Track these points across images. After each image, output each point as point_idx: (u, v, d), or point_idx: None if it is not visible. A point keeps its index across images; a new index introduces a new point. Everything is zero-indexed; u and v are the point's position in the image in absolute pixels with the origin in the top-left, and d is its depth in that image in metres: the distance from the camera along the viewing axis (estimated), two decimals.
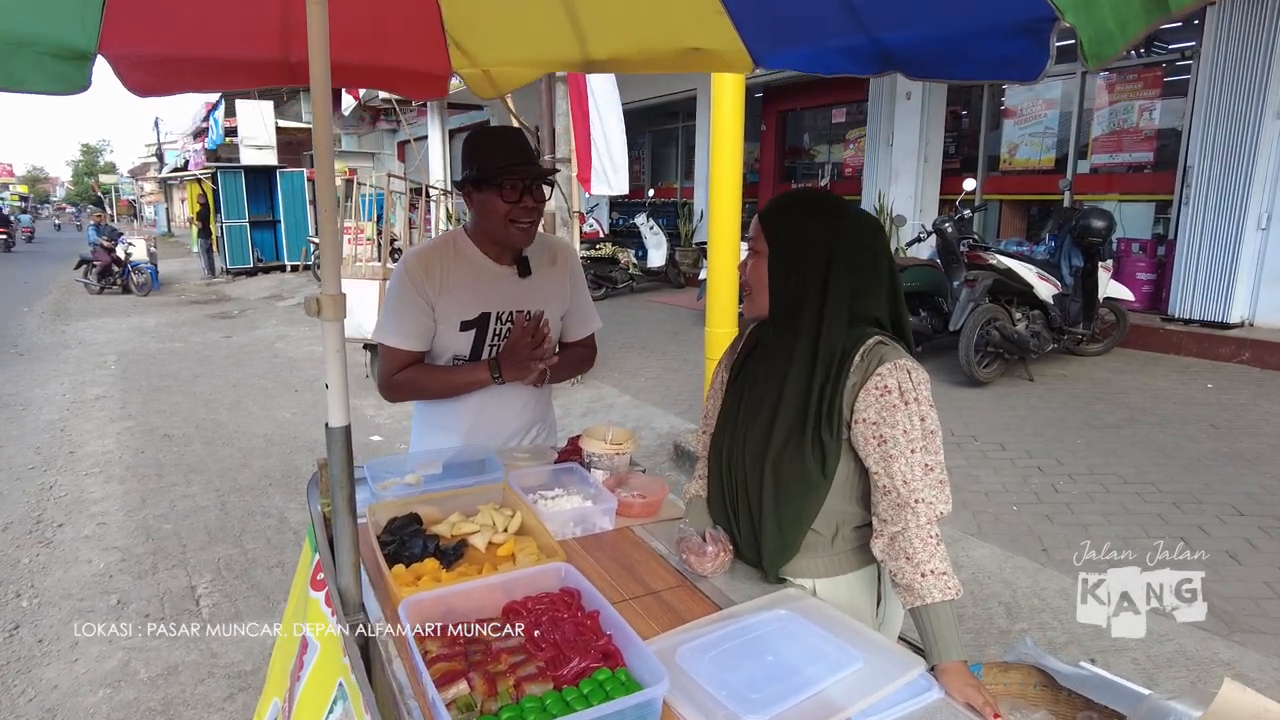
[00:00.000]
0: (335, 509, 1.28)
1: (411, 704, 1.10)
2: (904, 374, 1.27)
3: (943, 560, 1.23)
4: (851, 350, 1.31)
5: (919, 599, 1.22)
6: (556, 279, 1.99)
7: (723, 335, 4.36)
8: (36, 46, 1.48)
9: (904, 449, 1.24)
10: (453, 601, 1.27)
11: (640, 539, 1.64)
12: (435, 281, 1.83)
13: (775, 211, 1.40)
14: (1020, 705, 1.35)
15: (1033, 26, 1.15)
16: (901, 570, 1.25)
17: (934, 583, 1.21)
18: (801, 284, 1.34)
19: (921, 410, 1.26)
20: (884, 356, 1.28)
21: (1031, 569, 3.18)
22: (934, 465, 1.25)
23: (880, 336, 1.32)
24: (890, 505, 1.27)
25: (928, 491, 1.24)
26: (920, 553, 1.23)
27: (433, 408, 1.99)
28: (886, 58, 1.48)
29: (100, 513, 4.12)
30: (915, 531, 1.23)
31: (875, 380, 1.27)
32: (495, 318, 1.88)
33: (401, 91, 2.33)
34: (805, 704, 1.10)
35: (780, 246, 1.37)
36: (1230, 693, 0.94)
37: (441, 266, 1.84)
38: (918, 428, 1.25)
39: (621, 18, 1.89)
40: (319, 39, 1.17)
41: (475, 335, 1.88)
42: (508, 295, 1.89)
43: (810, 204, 1.39)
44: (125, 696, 2.56)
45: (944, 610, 1.21)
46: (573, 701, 1.06)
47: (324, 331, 1.22)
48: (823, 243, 1.32)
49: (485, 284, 1.87)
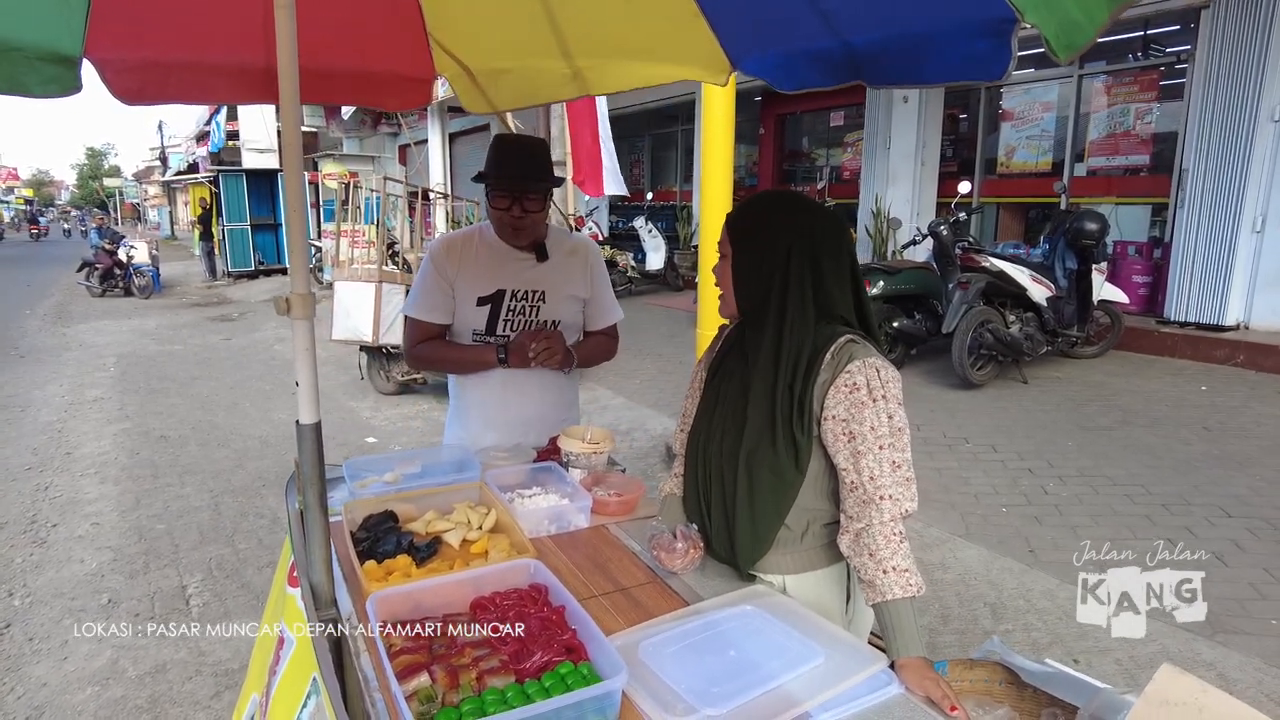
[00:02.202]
0: (306, 505, 1.29)
1: (376, 696, 1.12)
2: (873, 371, 1.28)
3: (905, 557, 1.24)
4: (823, 348, 1.32)
5: (880, 595, 1.24)
6: (574, 267, 2.13)
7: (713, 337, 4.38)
8: (25, 51, 1.51)
9: (872, 445, 1.26)
10: (421, 597, 1.29)
11: (614, 537, 1.65)
12: (455, 263, 2.04)
13: (738, 213, 1.44)
14: (985, 702, 1.36)
15: (995, 27, 1.17)
16: (865, 566, 1.26)
17: (895, 579, 1.23)
18: (764, 279, 1.37)
19: (890, 408, 1.27)
20: (854, 354, 1.30)
21: (1018, 570, 3.19)
22: (901, 462, 1.27)
23: (851, 335, 1.34)
24: (857, 501, 1.28)
25: (894, 488, 1.25)
26: (883, 549, 1.24)
27: (462, 396, 2.15)
28: (852, 63, 1.50)
29: (94, 513, 4.15)
30: (879, 528, 1.25)
31: (844, 378, 1.29)
32: (510, 295, 2.04)
33: (383, 103, 2.33)
34: (764, 698, 1.11)
35: (742, 245, 1.40)
36: (1167, 676, 0.95)
37: (463, 250, 2.05)
38: (885, 425, 1.26)
39: (601, 20, 1.91)
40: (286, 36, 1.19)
41: (490, 310, 2.04)
42: (523, 276, 2.05)
43: (769, 201, 1.43)
44: (113, 694, 2.58)
45: (904, 606, 1.22)
46: (533, 694, 1.07)
47: (293, 329, 1.24)
48: (781, 236, 1.35)
49: (503, 265, 2.05)
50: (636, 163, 15.11)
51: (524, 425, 2.12)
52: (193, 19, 1.85)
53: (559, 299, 2.09)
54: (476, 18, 2.05)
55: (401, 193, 7.52)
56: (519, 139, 2.12)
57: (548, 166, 2.04)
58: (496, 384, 2.08)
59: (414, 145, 12.62)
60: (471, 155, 17.77)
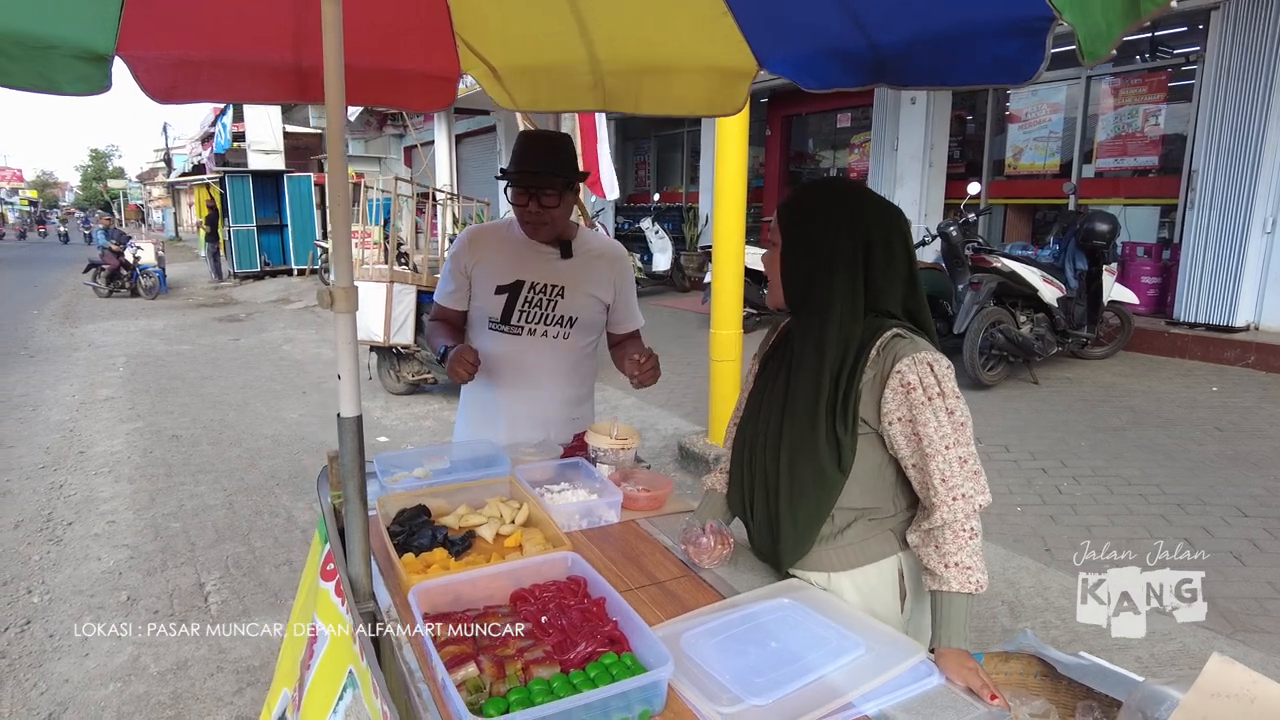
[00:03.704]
0: (346, 497, 1.30)
1: (421, 687, 1.13)
2: (925, 368, 1.25)
3: (971, 555, 1.22)
4: (869, 342, 1.29)
5: (939, 584, 1.23)
6: (599, 268, 2.15)
7: (727, 337, 4.38)
8: (61, 49, 1.52)
9: (939, 447, 1.23)
10: (460, 589, 1.30)
11: (645, 532, 1.66)
12: (476, 253, 2.12)
13: (790, 200, 1.41)
14: (1021, 694, 1.36)
15: (1029, 26, 1.16)
16: (929, 556, 1.25)
17: (956, 574, 1.22)
18: (813, 269, 1.33)
19: (949, 403, 1.24)
20: (901, 351, 1.26)
21: (1035, 569, 3.19)
22: (967, 457, 1.24)
23: (898, 329, 1.30)
24: (930, 500, 1.26)
25: (966, 485, 1.22)
26: (949, 544, 1.23)
27: (473, 397, 2.20)
28: (879, 64, 1.49)
29: (109, 511, 4.16)
30: (952, 525, 1.23)
31: (896, 378, 1.25)
32: (529, 286, 2.07)
33: (409, 104, 2.35)
34: (807, 689, 1.12)
35: (792, 233, 1.37)
36: (1217, 667, 0.95)
37: (487, 241, 2.14)
38: (947, 422, 1.23)
39: (628, 15, 1.91)
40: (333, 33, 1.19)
41: (508, 299, 2.08)
42: (544, 270, 2.09)
43: (821, 189, 1.40)
44: (135, 690, 2.59)
45: (960, 600, 1.22)
46: (579, 684, 1.08)
47: (336, 324, 1.25)
48: (830, 223, 1.32)
49: (526, 257, 2.09)
50: (642, 164, 15.13)
51: (531, 424, 2.13)
52: (224, 16, 1.87)
53: (578, 295, 2.10)
54: (504, 15, 2.05)
55: (410, 193, 7.53)
56: (542, 134, 2.12)
57: (564, 161, 2.04)
58: (506, 382, 2.11)
59: (420, 147, 12.63)
60: (478, 156, 17.80)
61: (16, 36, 1.40)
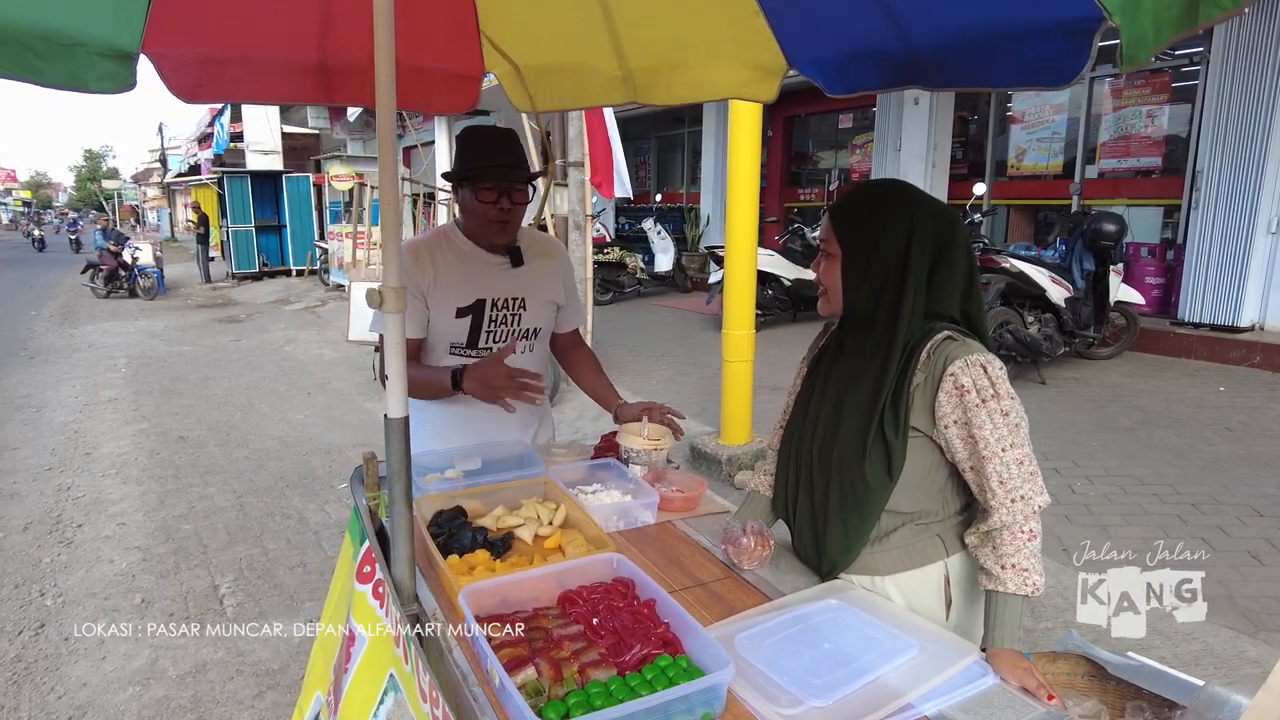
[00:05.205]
0: (392, 499, 1.29)
1: (477, 690, 1.11)
2: (978, 370, 1.23)
3: (1029, 557, 1.21)
4: (918, 346, 1.28)
5: (994, 584, 1.23)
6: (550, 271, 2.04)
7: (740, 337, 4.37)
8: (88, 46, 1.50)
9: (995, 450, 1.22)
10: (508, 591, 1.29)
11: (683, 533, 1.65)
12: (427, 271, 1.87)
13: (846, 207, 1.37)
14: (1070, 694, 1.35)
15: (1075, 27, 1.14)
16: (985, 556, 1.25)
17: (1012, 575, 1.21)
18: (879, 279, 1.31)
19: (1003, 405, 1.22)
20: (953, 354, 1.25)
21: (1054, 569, 3.18)
22: (1024, 458, 1.22)
23: (949, 331, 1.29)
24: (988, 503, 1.25)
25: (1024, 487, 1.21)
26: (1007, 546, 1.22)
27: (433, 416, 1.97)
28: (913, 64, 1.46)
29: (119, 513, 4.14)
30: (1010, 527, 1.22)
31: (950, 380, 1.24)
32: (491, 304, 1.92)
33: (433, 106, 2.32)
34: (865, 690, 1.11)
35: (854, 243, 1.34)
36: None
37: (432, 257, 1.89)
38: (1002, 425, 1.22)
39: (657, 14, 1.90)
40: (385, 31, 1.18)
41: (471, 321, 1.92)
42: (501, 284, 1.94)
43: (882, 194, 1.36)
44: (155, 694, 2.57)
45: (1014, 601, 1.22)
46: (636, 687, 1.07)
47: (385, 324, 1.24)
48: (898, 233, 1.30)
49: (479, 273, 1.92)
50: (643, 164, 15.12)
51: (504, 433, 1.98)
52: (250, 15, 1.85)
53: (539, 305, 2.00)
54: (531, 12, 2.04)
55: (410, 193, 7.51)
56: (491, 129, 1.95)
57: (523, 156, 1.95)
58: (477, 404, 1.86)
59: (420, 147, 12.61)
60: None
61: (43, 33, 1.38)
